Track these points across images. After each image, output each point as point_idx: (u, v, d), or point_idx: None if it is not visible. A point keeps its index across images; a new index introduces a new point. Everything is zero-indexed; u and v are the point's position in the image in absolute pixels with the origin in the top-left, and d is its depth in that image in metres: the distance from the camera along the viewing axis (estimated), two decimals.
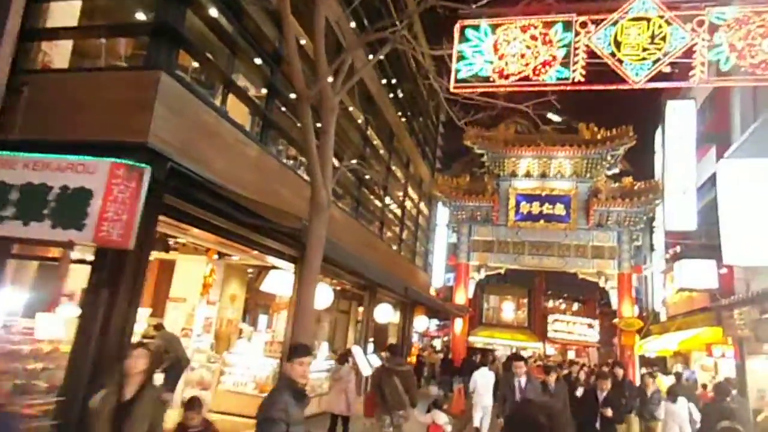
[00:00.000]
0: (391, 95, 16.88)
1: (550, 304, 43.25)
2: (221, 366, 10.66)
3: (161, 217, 6.78)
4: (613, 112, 21.11)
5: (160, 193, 6.37)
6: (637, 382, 12.30)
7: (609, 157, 20.32)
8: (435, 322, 35.00)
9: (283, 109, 10.18)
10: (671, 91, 18.11)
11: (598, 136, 20.47)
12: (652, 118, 21.14)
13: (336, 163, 10.23)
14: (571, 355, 40.25)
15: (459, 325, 21.59)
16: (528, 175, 21.77)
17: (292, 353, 3.90)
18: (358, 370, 12.27)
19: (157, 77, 6.13)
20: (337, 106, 5.53)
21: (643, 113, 21.50)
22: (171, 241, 10.79)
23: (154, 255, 11.59)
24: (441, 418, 7.55)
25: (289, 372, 3.81)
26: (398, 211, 19.00)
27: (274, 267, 11.38)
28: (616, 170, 22.11)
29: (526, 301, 39.90)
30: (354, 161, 10.48)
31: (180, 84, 6.66)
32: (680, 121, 15.43)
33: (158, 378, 9.24)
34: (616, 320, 20.27)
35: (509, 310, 40.19)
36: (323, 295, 10.83)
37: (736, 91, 14.14)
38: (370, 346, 15.72)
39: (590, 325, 40.87)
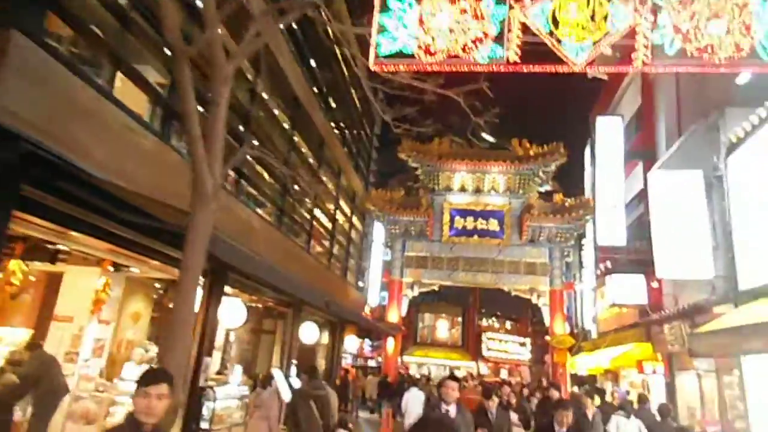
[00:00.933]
0: (322, 102, 16.03)
1: (484, 322, 43.31)
2: (111, 395, 9.14)
3: (18, 214, 5.50)
4: (544, 130, 21.33)
5: (14, 182, 5.12)
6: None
7: (541, 173, 20.37)
8: (368, 342, 34.09)
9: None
10: (600, 107, 18.39)
11: (531, 152, 20.51)
12: (582, 136, 21.47)
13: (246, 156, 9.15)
14: (503, 373, 40.33)
15: (391, 344, 20.71)
16: (463, 189, 21.46)
17: (138, 382, 2.89)
18: (280, 395, 11.15)
19: (6, 36, 4.92)
20: (231, 75, 4.55)
21: (573, 130, 21.84)
22: (58, 250, 9.31)
23: (38, 267, 10.07)
24: None
25: (133, 406, 2.84)
26: (329, 225, 18.01)
27: None
28: (548, 187, 22.24)
29: (460, 319, 39.87)
30: (256, 143, 9.38)
31: (45, 51, 5.46)
32: (608, 137, 15.53)
33: (23, 410, 7.72)
34: (548, 338, 20.09)
35: (443, 328, 39.97)
36: (235, 312, 9.64)
37: (661, 107, 14.36)
38: (293, 369, 14.49)
39: (522, 344, 41.28)
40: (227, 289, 10.60)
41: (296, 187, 14.45)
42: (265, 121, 11.14)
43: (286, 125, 13.32)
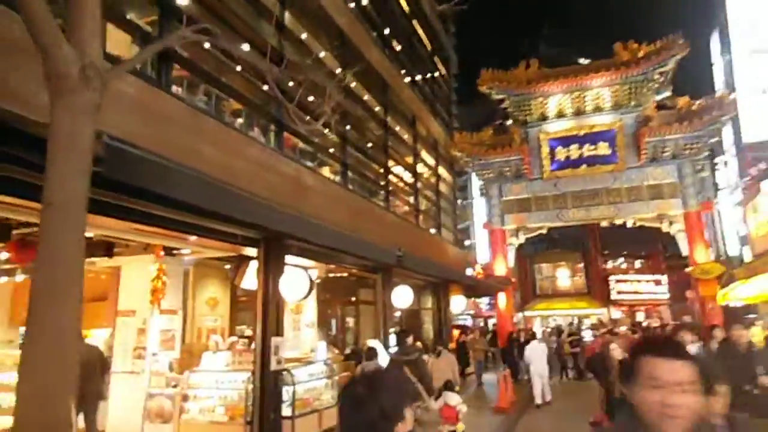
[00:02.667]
0: (378, 39, 14.13)
1: (609, 264, 39.33)
2: (184, 390, 8.31)
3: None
4: (648, 29, 17.58)
5: None
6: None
7: (657, 76, 16.82)
8: (486, 300, 32.32)
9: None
10: None
11: (640, 54, 16.99)
12: (699, 25, 17.39)
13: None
14: (639, 316, 36.49)
15: (503, 299, 18.66)
16: (560, 115, 18.52)
17: None
18: None
19: None
20: None
21: (688, 22, 17.74)
22: (110, 243, 8.59)
23: (99, 263, 9.50)
24: (452, 398, 7.01)
25: None
26: (409, 179, 16.24)
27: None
28: (667, 93, 18.50)
29: (581, 265, 36.61)
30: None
31: None
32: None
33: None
34: (689, 269, 16.85)
35: (564, 277, 37.11)
36: (296, 282, 8.30)
37: None
38: (392, 337, 13.13)
39: (657, 282, 36.98)
40: (294, 259, 9.34)
41: (360, 137, 12.83)
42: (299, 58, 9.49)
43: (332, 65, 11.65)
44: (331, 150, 11.55)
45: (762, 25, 11.56)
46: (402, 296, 12.99)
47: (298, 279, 8.35)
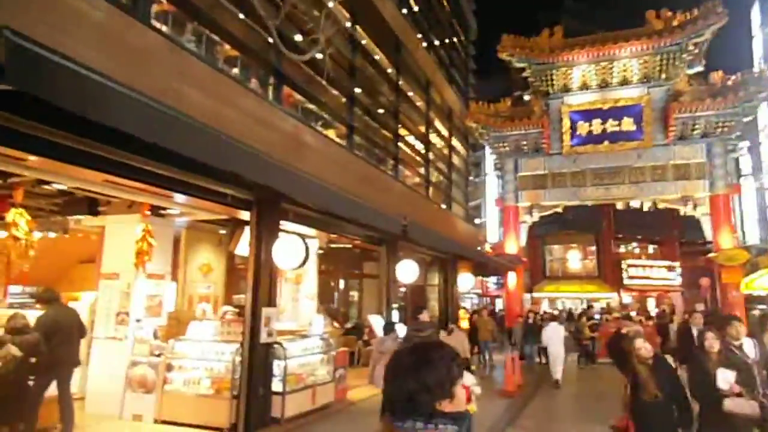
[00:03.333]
0: None
1: (622, 249, 38.37)
2: (168, 359, 7.71)
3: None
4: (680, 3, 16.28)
5: None
6: None
7: (690, 47, 15.65)
8: (493, 280, 31.66)
9: None
10: None
11: (674, 22, 15.79)
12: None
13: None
14: (650, 303, 35.76)
15: (512, 279, 17.92)
16: (584, 87, 17.44)
17: None
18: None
19: None
20: None
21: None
22: (94, 199, 7.91)
23: (83, 221, 8.86)
24: (468, 379, 5.92)
25: None
26: (421, 148, 15.38)
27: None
28: (699, 68, 17.31)
29: (593, 248, 35.88)
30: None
31: None
32: None
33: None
34: (712, 255, 15.96)
35: (575, 259, 36.41)
36: (290, 249, 7.59)
37: None
38: (395, 313, 12.50)
39: (670, 268, 36.09)
40: (292, 227, 8.64)
41: (369, 99, 11.96)
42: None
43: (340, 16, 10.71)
44: (337, 113, 10.69)
45: None
46: (407, 270, 12.29)
47: (293, 246, 7.65)
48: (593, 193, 17.19)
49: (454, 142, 18.68)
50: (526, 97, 18.64)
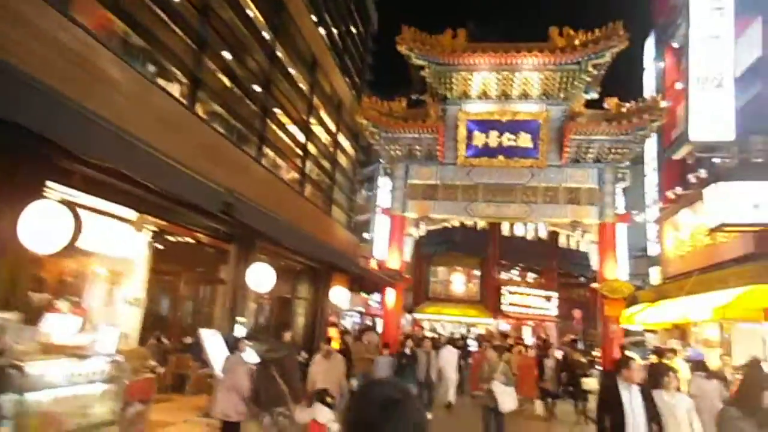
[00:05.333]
0: None
1: (504, 275, 38.70)
2: None
3: None
4: (580, 17, 15.86)
5: None
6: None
7: (590, 68, 15.05)
8: (376, 297, 29.90)
9: None
10: None
11: (576, 41, 15.16)
12: (633, 29, 15.89)
13: None
14: (526, 331, 36.18)
15: (392, 297, 16.06)
16: (484, 95, 16.30)
17: None
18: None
19: None
20: None
21: (625, 22, 16.12)
22: None
23: None
24: (323, 414, 5.80)
25: None
26: (300, 136, 13.12)
27: None
28: (594, 95, 16.95)
29: (477, 272, 35.67)
30: None
31: None
32: None
33: None
34: (595, 285, 15.30)
35: (459, 282, 35.95)
36: (51, 221, 4.91)
37: None
38: (239, 328, 9.95)
39: (548, 298, 36.91)
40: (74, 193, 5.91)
41: (229, 54, 9.50)
42: None
43: None
44: (176, 57, 8.07)
45: (727, 8, 9.91)
46: (262, 276, 9.84)
47: (53, 214, 4.96)
48: (484, 210, 15.95)
49: (342, 139, 16.68)
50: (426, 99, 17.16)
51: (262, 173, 10.34)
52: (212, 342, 9.04)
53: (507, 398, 7.41)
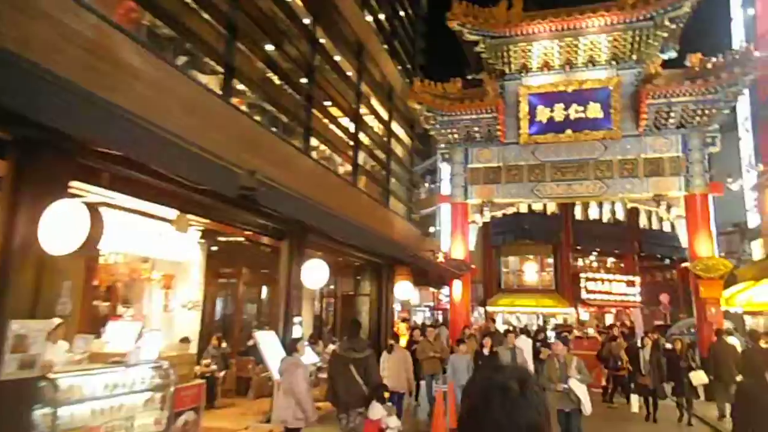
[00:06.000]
0: None
1: (581, 262, 36.55)
2: None
3: None
4: None
5: None
6: None
7: (666, 23, 13.44)
8: (446, 291, 29.10)
9: None
10: None
11: None
12: None
13: None
14: (609, 319, 34.01)
15: (458, 288, 15.19)
16: (546, 66, 15.04)
17: None
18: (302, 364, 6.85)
19: None
20: None
21: None
22: None
23: None
24: (377, 411, 5.65)
25: None
26: (350, 125, 12.56)
27: None
28: (673, 53, 15.23)
29: (551, 260, 33.83)
30: None
31: None
32: None
33: None
34: (688, 264, 13.67)
35: (531, 271, 34.30)
36: (71, 220, 4.54)
37: None
38: (297, 328, 9.51)
39: (630, 283, 34.41)
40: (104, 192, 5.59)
41: (266, 39, 9.03)
42: None
43: None
44: (208, 44, 7.64)
45: None
46: (314, 273, 9.33)
47: (72, 214, 4.60)
48: (553, 190, 14.70)
49: (396, 127, 15.96)
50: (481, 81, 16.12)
51: (309, 165, 9.83)
52: (268, 344, 8.63)
53: (585, 398, 6.35)
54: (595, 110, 14.31)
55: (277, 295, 10.18)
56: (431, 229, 27.72)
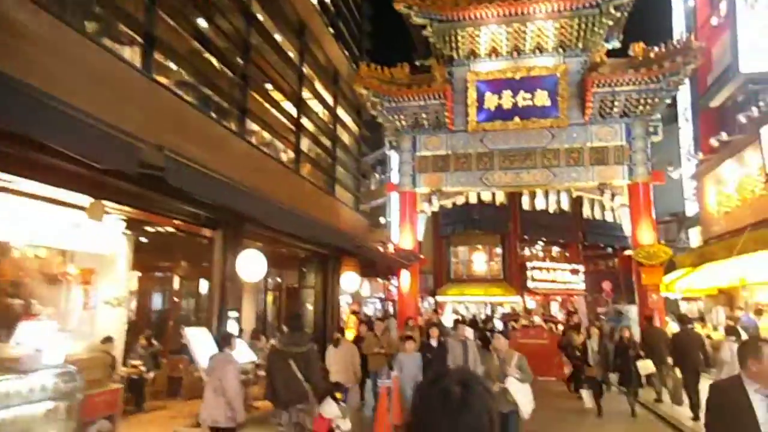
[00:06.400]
0: None
1: (527, 252, 37.16)
2: None
3: None
4: None
5: None
6: None
7: (611, 10, 13.47)
8: (395, 283, 28.82)
9: None
10: None
11: None
12: None
13: None
14: (554, 307, 34.83)
15: (406, 279, 14.86)
16: (494, 52, 14.84)
17: None
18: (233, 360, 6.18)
19: None
20: None
21: None
22: None
23: None
24: (330, 409, 5.40)
25: None
26: (291, 109, 11.90)
27: None
28: (617, 43, 15.43)
29: (499, 250, 34.14)
30: None
31: None
32: None
33: None
34: (630, 251, 13.88)
35: (480, 261, 34.54)
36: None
37: None
38: (232, 323, 8.86)
39: (574, 271, 35.31)
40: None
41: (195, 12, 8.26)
42: None
43: None
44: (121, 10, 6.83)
45: None
46: (251, 265, 8.70)
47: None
48: (502, 179, 14.57)
49: (342, 113, 15.40)
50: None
51: (244, 148, 9.14)
52: (199, 341, 7.96)
53: (526, 399, 5.69)
54: (542, 98, 14.24)
55: (211, 288, 9.47)
56: (382, 220, 27.34)
